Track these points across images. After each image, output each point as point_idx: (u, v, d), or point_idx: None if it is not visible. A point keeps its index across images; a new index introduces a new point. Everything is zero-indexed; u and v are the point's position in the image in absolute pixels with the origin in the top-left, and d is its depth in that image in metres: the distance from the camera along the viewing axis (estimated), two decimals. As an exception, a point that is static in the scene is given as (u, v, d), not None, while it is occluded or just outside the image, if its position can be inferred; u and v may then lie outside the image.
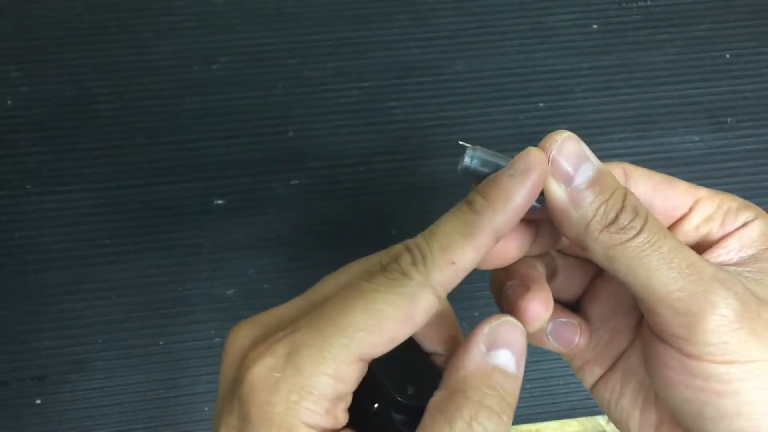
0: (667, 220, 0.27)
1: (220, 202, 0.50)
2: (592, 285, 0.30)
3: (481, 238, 0.23)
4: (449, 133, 0.51)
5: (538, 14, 0.53)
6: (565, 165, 0.24)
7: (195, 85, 0.51)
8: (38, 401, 0.48)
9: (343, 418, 0.23)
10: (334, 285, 0.25)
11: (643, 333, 0.26)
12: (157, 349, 0.48)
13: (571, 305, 0.31)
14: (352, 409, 0.24)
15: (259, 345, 0.23)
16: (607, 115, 0.52)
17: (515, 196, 0.23)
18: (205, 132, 0.51)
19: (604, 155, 0.52)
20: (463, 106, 0.52)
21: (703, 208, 0.27)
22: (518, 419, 0.49)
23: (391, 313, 0.22)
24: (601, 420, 0.50)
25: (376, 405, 0.26)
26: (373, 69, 0.52)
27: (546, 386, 0.49)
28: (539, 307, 0.26)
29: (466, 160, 0.25)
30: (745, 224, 0.26)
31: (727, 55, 0.53)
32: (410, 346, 0.24)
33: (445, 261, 0.23)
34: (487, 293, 0.50)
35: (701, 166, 0.51)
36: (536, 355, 0.49)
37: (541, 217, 0.26)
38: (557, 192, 0.24)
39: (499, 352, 0.24)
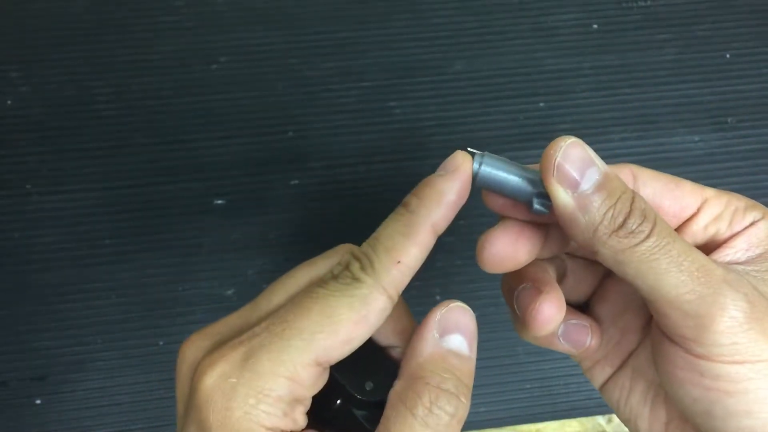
0: (675, 221, 0.27)
1: (220, 202, 0.50)
2: (601, 286, 0.30)
3: (420, 235, 0.24)
4: (449, 133, 0.51)
5: (538, 14, 0.53)
6: (570, 170, 0.24)
7: (195, 85, 0.51)
8: (38, 401, 0.48)
9: (302, 421, 0.23)
10: (284, 292, 0.26)
11: (652, 333, 0.27)
12: (157, 349, 0.48)
13: (580, 306, 0.31)
14: (314, 407, 0.24)
15: (212, 354, 0.23)
16: (607, 115, 0.52)
17: (447, 193, 0.25)
18: (205, 132, 0.51)
19: (604, 155, 0.52)
20: (463, 106, 0.52)
21: (710, 208, 0.27)
22: (518, 419, 0.49)
23: (346, 315, 0.23)
24: (601, 420, 0.50)
25: (338, 401, 0.26)
26: (373, 69, 0.52)
27: (546, 386, 0.49)
28: (552, 309, 0.26)
29: (475, 166, 0.25)
30: (752, 223, 0.26)
31: (727, 55, 0.53)
32: (366, 342, 0.25)
33: (392, 261, 0.24)
34: (488, 293, 0.50)
35: (701, 166, 0.51)
36: (536, 356, 0.49)
37: (549, 221, 0.26)
38: (564, 198, 0.24)
39: (451, 336, 0.25)
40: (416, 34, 0.53)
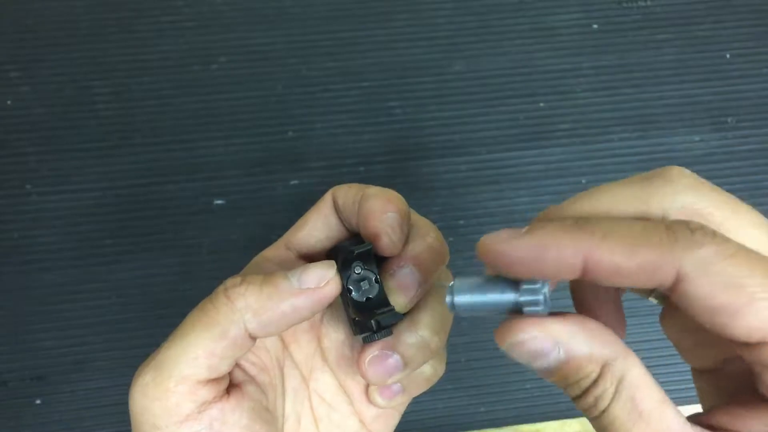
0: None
1: (220, 202, 0.50)
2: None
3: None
4: (449, 133, 0.51)
5: (538, 14, 0.53)
6: (524, 358, 0.22)
7: (195, 85, 0.51)
8: (38, 401, 0.48)
9: (224, 369, 0.25)
10: None
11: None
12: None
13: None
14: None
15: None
16: (607, 115, 0.52)
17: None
18: (205, 132, 0.51)
19: (604, 155, 0.52)
20: (463, 106, 0.52)
21: None
22: (518, 419, 0.49)
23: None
24: (601, 420, 0.50)
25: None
26: (373, 69, 0.52)
27: (546, 386, 0.49)
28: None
29: (448, 300, 0.23)
30: None
31: (727, 55, 0.53)
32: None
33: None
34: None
35: (701, 166, 0.51)
36: (536, 355, 0.49)
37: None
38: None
39: None
40: (416, 34, 0.53)
